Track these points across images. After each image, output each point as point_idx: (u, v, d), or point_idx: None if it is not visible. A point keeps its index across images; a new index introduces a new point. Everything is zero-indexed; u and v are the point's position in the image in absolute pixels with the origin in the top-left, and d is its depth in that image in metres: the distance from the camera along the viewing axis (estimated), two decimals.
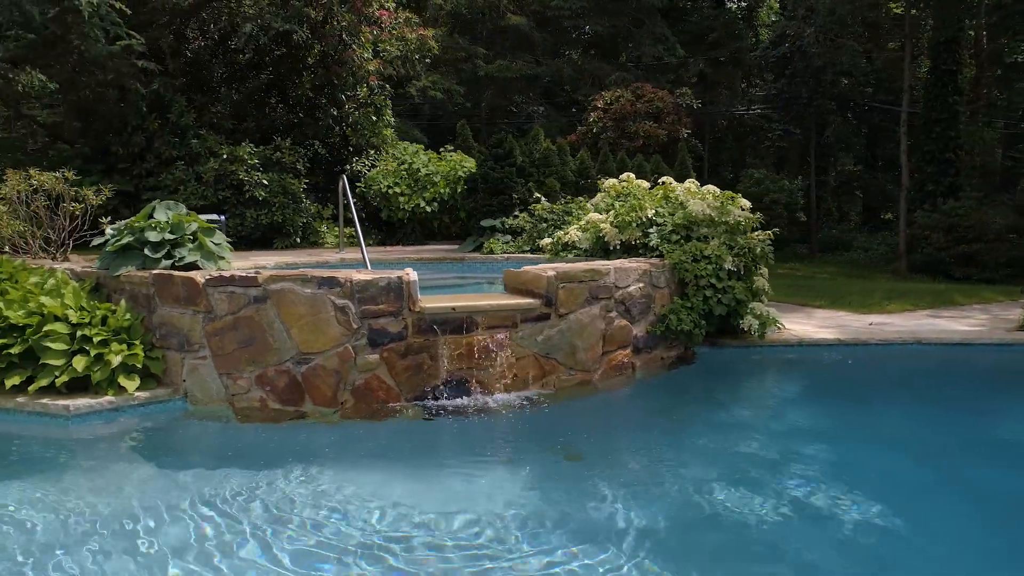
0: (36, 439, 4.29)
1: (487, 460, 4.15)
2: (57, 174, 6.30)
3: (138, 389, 4.57)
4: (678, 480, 3.75)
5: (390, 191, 10.75)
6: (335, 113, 11.12)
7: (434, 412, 4.61)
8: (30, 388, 4.39)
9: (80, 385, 4.53)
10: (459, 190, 10.35)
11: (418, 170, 10.80)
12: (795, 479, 3.74)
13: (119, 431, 4.41)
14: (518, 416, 4.71)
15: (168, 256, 4.94)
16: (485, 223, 8.96)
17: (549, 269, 5.05)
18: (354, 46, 10.32)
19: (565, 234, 7.38)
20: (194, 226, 5.15)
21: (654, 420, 4.95)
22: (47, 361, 4.41)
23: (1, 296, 4.72)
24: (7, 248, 6.56)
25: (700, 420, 4.87)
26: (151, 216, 5.17)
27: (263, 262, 7.04)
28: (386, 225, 11.41)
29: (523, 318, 4.88)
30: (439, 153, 12.01)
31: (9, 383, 4.41)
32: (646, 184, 7.46)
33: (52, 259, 6.40)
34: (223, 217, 9.09)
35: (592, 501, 3.44)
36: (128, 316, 4.71)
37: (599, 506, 3.38)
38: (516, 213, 8.86)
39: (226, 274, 4.59)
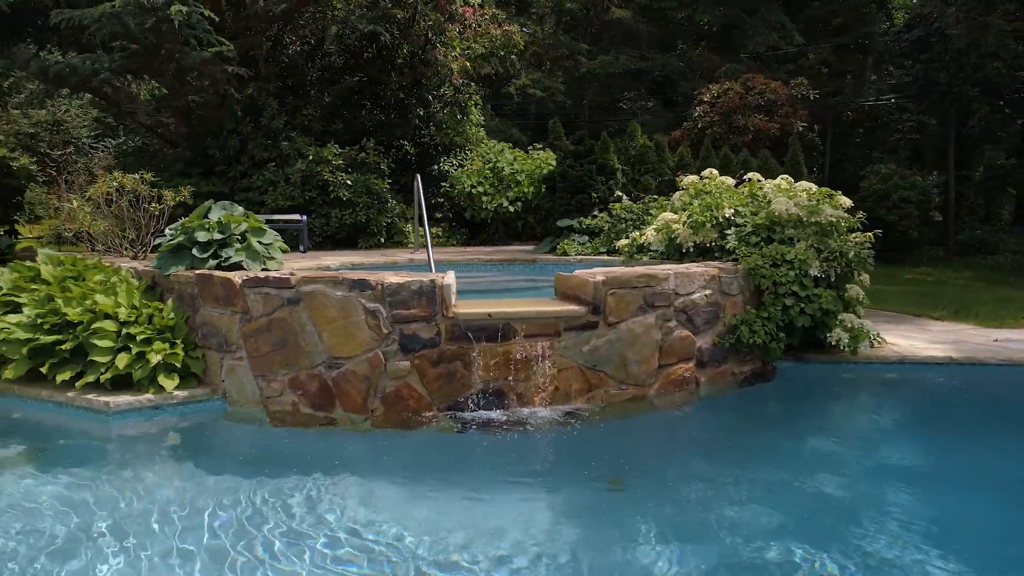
0: (81, 433, 4.41)
1: (520, 483, 3.77)
2: (135, 176, 6.57)
3: (177, 388, 4.61)
4: (738, 524, 3.22)
5: (474, 191, 10.62)
6: (421, 113, 11.12)
7: (467, 424, 4.33)
8: (77, 383, 4.53)
9: (125, 382, 4.62)
10: (543, 189, 10.05)
11: (502, 169, 10.60)
12: (882, 536, 3.05)
13: (158, 429, 4.45)
14: (559, 433, 4.34)
15: (215, 256, 4.96)
16: (561, 223, 8.59)
17: (598, 274, 4.63)
18: (438, 44, 10.26)
19: (641, 235, 6.89)
20: (243, 227, 5.16)
21: (717, 445, 4.39)
22: (93, 358, 4.52)
23: (64, 293, 4.91)
24: (99, 246, 6.94)
25: (771, 449, 4.28)
26: (205, 216, 5.23)
27: (327, 262, 7.06)
28: (471, 225, 11.29)
29: (567, 326, 4.50)
30: (528, 152, 11.77)
31: (60, 378, 4.56)
32: (730, 181, 6.83)
33: (133, 258, 6.69)
34: (304, 217, 9.27)
35: (635, 544, 3.00)
36: (172, 315, 4.76)
37: (642, 550, 2.95)
38: (595, 213, 8.43)
39: (261, 275, 4.53)
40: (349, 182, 9.97)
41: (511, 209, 10.29)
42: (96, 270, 5.35)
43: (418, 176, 8.60)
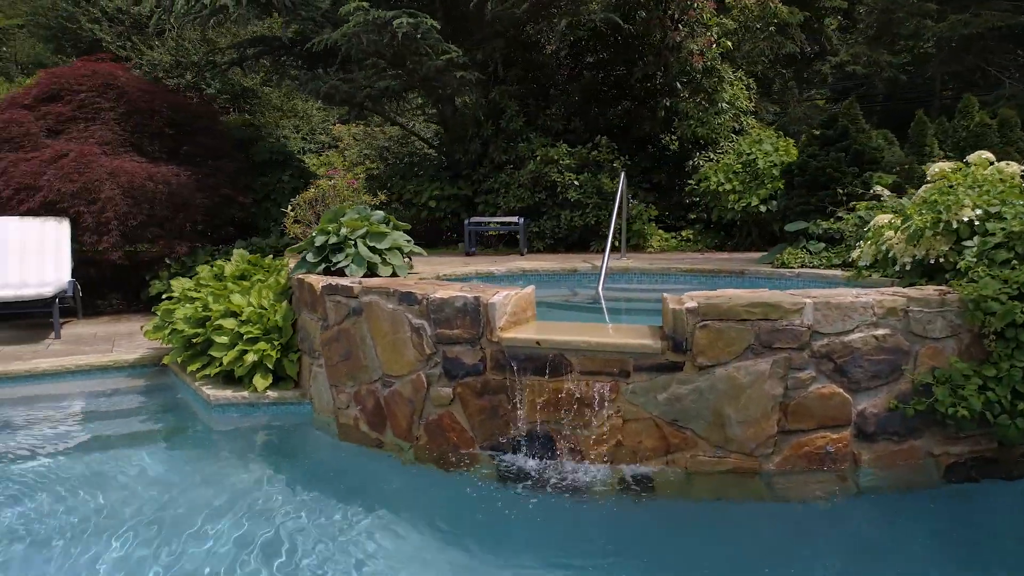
0: (191, 419, 4.81)
1: (565, 567, 2.94)
2: (331, 182, 7.06)
3: (271, 389, 4.75)
4: None
5: (720, 188, 9.26)
6: (668, 104, 10.08)
7: (508, 474, 3.61)
8: (198, 374, 4.94)
9: (236, 378, 4.91)
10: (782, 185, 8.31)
11: (754, 161, 9.03)
12: None
13: (248, 426, 4.63)
14: (621, 505, 3.35)
15: (325, 260, 5.00)
16: (790, 227, 6.88)
17: (691, 297, 3.47)
18: (680, 26, 9.14)
19: (871, 244, 5.16)
20: (361, 231, 5.11)
21: None
22: (211, 352, 4.89)
23: (224, 291, 5.43)
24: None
25: None
26: (334, 220, 5.31)
27: (478, 268, 6.72)
28: (724, 227, 9.90)
29: (638, 365, 3.47)
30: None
31: (190, 368, 5.04)
32: (1015, 168, 4.70)
33: None
34: (521, 220, 9.07)
35: None
36: (279, 318, 4.91)
37: None
38: (840, 214, 6.58)
39: (335, 282, 4.39)
40: (577, 182, 9.49)
41: (762, 209, 8.71)
42: (260, 269, 5.84)
43: (623, 173, 7.79)
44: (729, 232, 9.99)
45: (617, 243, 9.43)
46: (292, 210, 7.08)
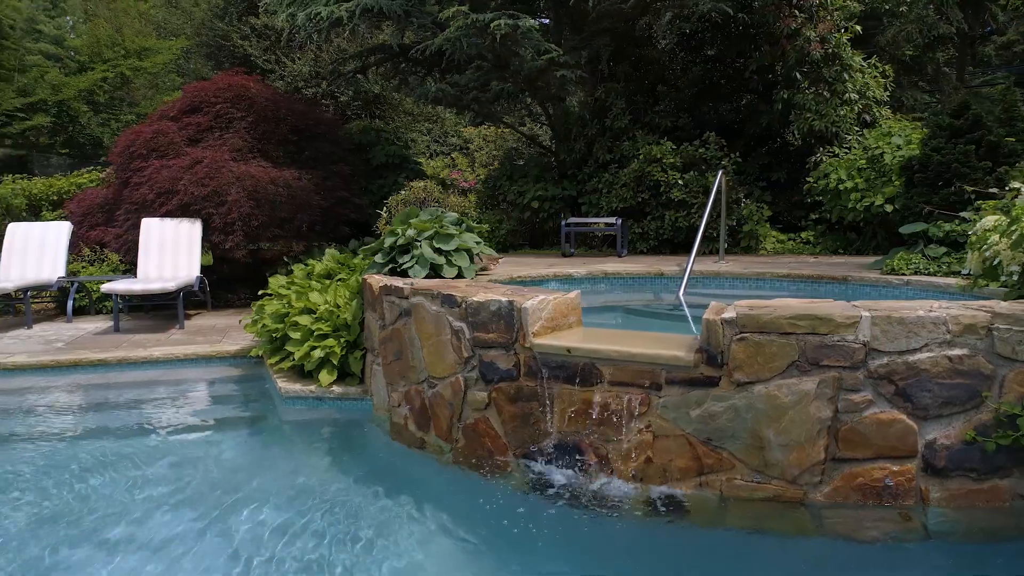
0: (268, 410, 5.10)
1: None
2: (423, 183, 7.22)
3: (335, 384, 4.94)
4: None
5: (841, 186, 8.48)
6: (784, 96, 9.38)
7: (539, 484, 3.52)
8: (275, 367, 5.24)
9: (306, 372, 5.15)
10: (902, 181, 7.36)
11: (881, 156, 8.17)
12: None
13: (313, 418, 4.85)
14: (649, 527, 3.15)
15: (392, 262, 5.13)
16: (905, 229, 6.10)
17: (732, 307, 3.20)
18: (798, 12, 8.44)
19: (979, 250, 4.54)
20: (428, 232, 5.19)
21: None
22: (287, 347, 5.17)
23: (307, 289, 5.73)
24: None
25: None
26: (404, 222, 5.44)
27: (572, 271, 6.57)
28: (848, 229, 9.08)
29: (670, 378, 3.25)
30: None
31: (270, 361, 5.35)
32: None
33: None
34: (619, 221, 8.80)
35: None
36: (349, 316, 5.10)
37: None
38: (966, 215, 5.78)
39: (389, 283, 4.49)
40: (682, 181, 9.09)
41: (887, 209, 7.87)
42: (345, 268, 6.10)
43: (721, 172, 7.38)
44: (855, 233, 9.18)
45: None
46: (386, 211, 7.34)
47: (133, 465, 3.99)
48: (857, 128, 9.41)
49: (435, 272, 5.02)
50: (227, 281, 9.85)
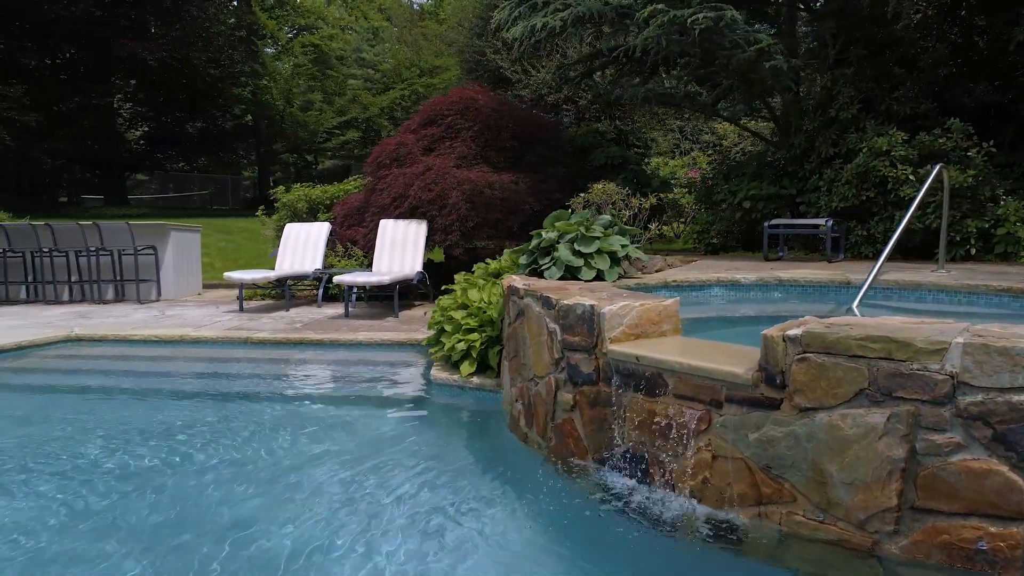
0: (428, 392, 5.64)
1: None
2: (602, 186, 7.27)
3: (473, 375, 5.31)
4: None
5: None
6: None
7: (608, 490, 3.52)
8: (434, 356, 5.78)
9: (452, 362, 5.59)
10: None
11: None
12: None
13: (454, 405, 5.28)
14: (707, 552, 2.99)
15: (534, 263, 5.36)
16: None
17: (795, 324, 2.89)
18: None
19: None
20: (570, 235, 5.33)
21: None
22: (442, 339, 5.68)
23: (466, 285, 6.22)
24: None
25: None
26: (552, 224, 5.62)
27: (740, 277, 6.10)
28: None
29: (729, 396, 3.04)
30: None
31: (431, 351, 5.91)
32: None
33: None
34: (829, 222, 7.81)
35: None
36: (494, 312, 5.44)
37: None
38: None
39: (513, 284, 4.73)
40: (913, 177, 7.84)
41: None
42: (515, 267, 6.46)
43: (939, 166, 6.30)
44: None
45: (958, 251, 7.71)
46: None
47: (302, 425, 4.76)
48: None
49: (572, 274, 5.14)
50: (451, 274, 10.90)
